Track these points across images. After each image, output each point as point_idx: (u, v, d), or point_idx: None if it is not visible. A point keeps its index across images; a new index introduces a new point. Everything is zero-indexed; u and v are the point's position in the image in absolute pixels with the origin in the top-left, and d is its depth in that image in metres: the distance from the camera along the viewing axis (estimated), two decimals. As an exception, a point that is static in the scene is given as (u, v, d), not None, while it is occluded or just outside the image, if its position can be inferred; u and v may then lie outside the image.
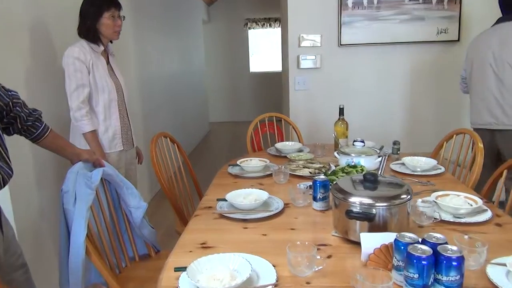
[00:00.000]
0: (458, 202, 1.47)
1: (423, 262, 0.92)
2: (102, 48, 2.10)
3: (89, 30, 2.05)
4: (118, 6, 2.10)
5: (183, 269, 1.04)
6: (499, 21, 2.40)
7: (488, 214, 1.41)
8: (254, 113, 8.75)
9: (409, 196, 1.23)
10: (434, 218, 1.37)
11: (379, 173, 1.71)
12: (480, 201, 1.46)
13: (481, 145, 1.92)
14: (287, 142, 2.52)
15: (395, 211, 1.21)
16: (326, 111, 3.37)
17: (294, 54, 3.30)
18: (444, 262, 0.92)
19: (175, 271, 1.07)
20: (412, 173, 1.95)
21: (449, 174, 1.96)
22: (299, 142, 2.73)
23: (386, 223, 1.20)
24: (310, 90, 3.36)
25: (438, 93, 3.35)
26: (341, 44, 3.25)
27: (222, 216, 1.49)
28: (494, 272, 1.03)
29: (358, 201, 1.22)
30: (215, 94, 8.61)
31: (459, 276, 0.92)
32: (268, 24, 8.59)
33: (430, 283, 0.93)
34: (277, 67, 8.44)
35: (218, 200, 1.60)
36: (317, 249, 1.09)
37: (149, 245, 1.82)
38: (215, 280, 0.98)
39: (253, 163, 2.06)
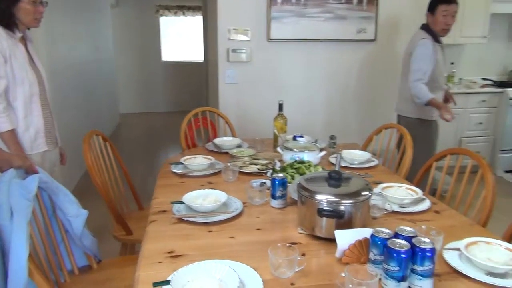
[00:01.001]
0: (402, 193, 1.60)
1: (402, 255, 0.99)
2: (19, 34, 1.83)
3: (3, 15, 1.76)
4: None
5: (165, 283, 0.97)
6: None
7: (427, 203, 1.57)
8: (167, 104, 8.56)
9: (371, 192, 1.30)
10: (386, 209, 1.48)
11: (336, 169, 1.76)
12: (419, 192, 1.61)
13: (409, 137, 2.12)
14: (225, 138, 2.49)
15: (359, 207, 1.27)
16: (256, 105, 3.41)
17: (224, 47, 3.26)
18: (420, 253, 1.00)
19: (154, 286, 0.99)
20: (350, 166, 2.07)
21: (381, 166, 2.13)
22: (232, 135, 2.72)
23: (352, 218, 1.26)
24: (240, 83, 3.36)
25: (357, 88, 3.61)
26: (270, 39, 3.29)
27: (181, 220, 1.41)
28: (450, 257, 1.16)
29: (325, 198, 1.26)
30: (125, 83, 8.11)
31: (432, 265, 1.01)
32: (182, 12, 8.33)
33: (408, 273, 1.00)
34: (194, 57, 8.28)
35: (173, 203, 1.52)
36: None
37: (90, 256, 1.66)
38: (204, 293, 0.94)
39: (198, 161, 2.00)
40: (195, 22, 8.29)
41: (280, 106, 2.36)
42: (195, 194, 1.53)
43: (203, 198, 1.50)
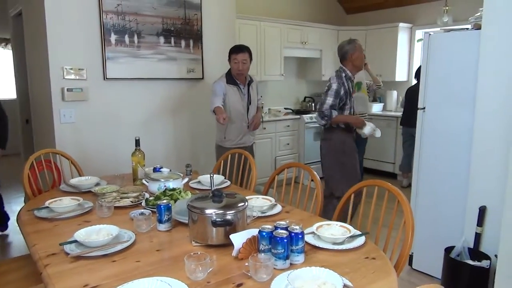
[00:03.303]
0: (260, 202, 2.02)
1: (285, 240, 1.36)
2: None
3: None
4: None
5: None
6: None
7: (279, 207, 2.02)
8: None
9: (246, 203, 1.66)
10: (253, 216, 1.86)
11: (212, 188, 1.97)
12: (272, 199, 2.06)
13: (252, 159, 2.61)
14: (82, 178, 2.46)
15: (240, 215, 1.61)
16: (96, 143, 3.38)
17: (58, 86, 3.16)
18: (295, 237, 1.40)
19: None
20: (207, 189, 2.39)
21: (234, 185, 2.53)
22: (80, 175, 2.69)
23: (235, 225, 1.58)
24: (78, 122, 3.29)
25: (190, 120, 3.99)
26: (107, 78, 3.36)
27: (79, 258, 1.45)
28: (308, 238, 1.60)
29: (214, 212, 1.55)
30: None
31: (303, 244, 1.42)
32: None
33: (289, 253, 1.38)
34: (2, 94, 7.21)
35: (62, 244, 1.53)
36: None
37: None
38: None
39: (66, 203, 1.97)
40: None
41: (137, 142, 2.51)
42: (85, 231, 1.58)
43: (96, 233, 1.56)
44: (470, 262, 2.42)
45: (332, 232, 1.63)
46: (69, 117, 3.24)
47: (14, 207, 4.44)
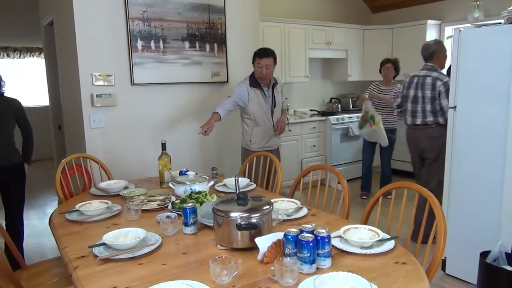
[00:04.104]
0: (286, 205, 2.00)
1: (311, 244, 1.34)
2: None
3: None
4: None
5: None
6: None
7: (305, 210, 1.99)
8: None
9: (272, 206, 1.64)
10: (278, 219, 1.84)
11: (236, 191, 1.97)
12: (298, 202, 2.03)
13: (277, 160, 2.59)
14: (111, 181, 2.52)
15: (265, 218, 1.59)
16: (125, 147, 3.45)
17: (87, 93, 3.25)
18: (321, 240, 1.37)
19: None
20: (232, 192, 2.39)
21: (259, 187, 2.52)
22: (109, 179, 2.74)
23: (261, 228, 1.57)
24: (107, 127, 3.37)
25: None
26: (134, 83, 3.43)
27: (107, 260, 1.48)
28: (335, 242, 1.56)
29: (239, 215, 1.54)
30: None
31: (329, 248, 1.39)
32: (6, 54, 7.53)
33: (315, 257, 1.36)
34: (35, 101, 7.56)
35: (91, 246, 1.56)
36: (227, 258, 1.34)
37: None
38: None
39: (95, 206, 2.02)
40: (27, 65, 7.68)
41: (163, 145, 2.54)
42: (113, 234, 1.61)
43: (124, 236, 1.59)
44: (508, 268, 2.30)
45: (360, 235, 1.59)
46: (99, 122, 3.32)
47: (49, 210, 4.60)
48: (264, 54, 3.19)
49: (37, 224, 4.27)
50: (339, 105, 5.81)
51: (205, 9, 3.77)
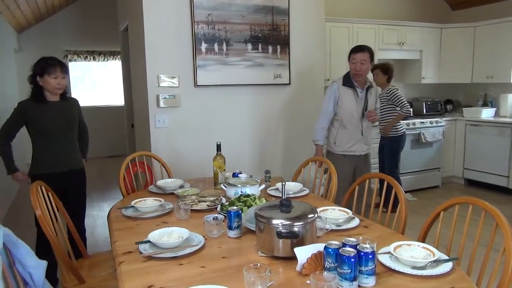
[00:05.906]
0: (336, 214, 1.90)
1: (352, 259, 1.24)
2: None
3: None
4: None
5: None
6: None
7: (357, 220, 1.88)
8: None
9: (316, 214, 1.56)
10: (326, 228, 1.75)
11: (282, 197, 1.94)
12: (350, 212, 1.93)
13: (333, 167, 2.49)
14: (168, 180, 2.60)
15: (309, 227, 1.52)
16: (186, 147, 3.57)
17: (153, 93, 3.41)
18: (364, 257, 1.27)
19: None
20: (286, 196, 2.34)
21: (312, 193, 2.44)
22: (169, 177, 2.84)
23: (303, 237, 1.50)
24: (170, 127, 3.51)
25: (278, 126, 3.99)
26: (197, 85, 3.53)
27: (150, 258, 1.52)
28: (383, 259, 1.45)
29: (281, 223, 1.48)
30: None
31: (374, 265, 1.28)
32: (92, 57, 8.23)
33: (357, 274, 1.26)
34: (112, 101, 8.21)
35: (138, 243, 1.61)
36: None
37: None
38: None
39: (149, 203, 2.10)
40: (109, 67, 8.32)
41: (218, 147, 2.57)
42: (159, 232, 1.65)
43: (168, 236, 1.62)
44: None
45: (412, 254, 1.45)
46: (163, 122, 3.47)
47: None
48: (359, 49, 3.08)
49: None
50: (411, 109, 5.45)
51: (269, 11, 3.76)
